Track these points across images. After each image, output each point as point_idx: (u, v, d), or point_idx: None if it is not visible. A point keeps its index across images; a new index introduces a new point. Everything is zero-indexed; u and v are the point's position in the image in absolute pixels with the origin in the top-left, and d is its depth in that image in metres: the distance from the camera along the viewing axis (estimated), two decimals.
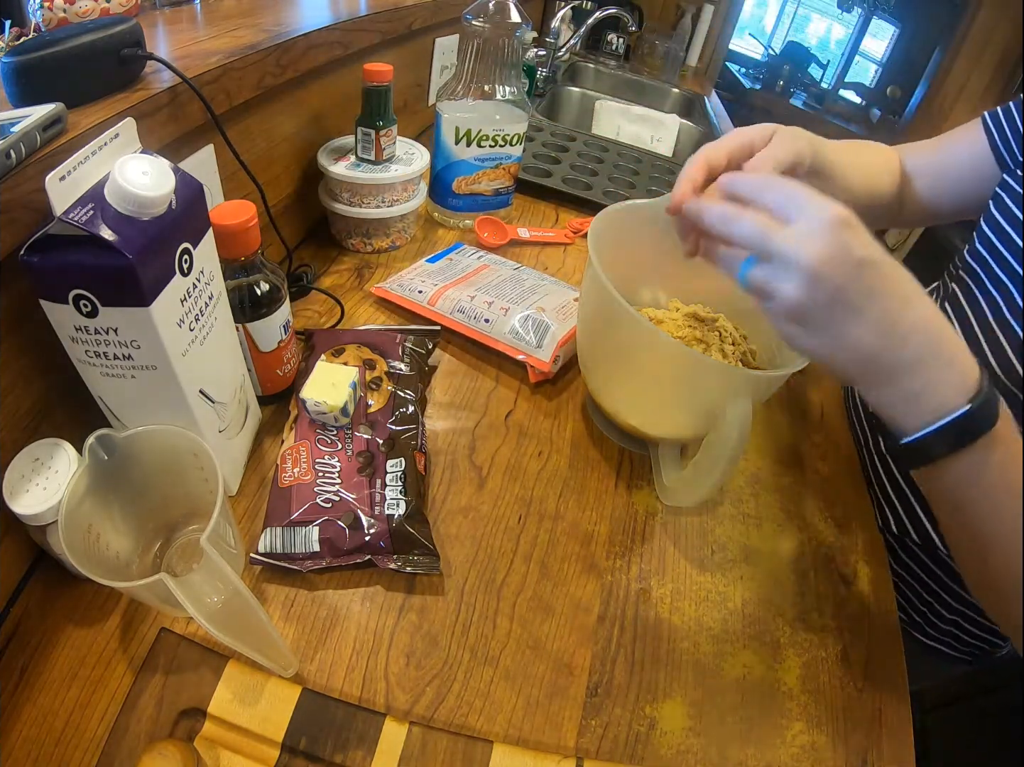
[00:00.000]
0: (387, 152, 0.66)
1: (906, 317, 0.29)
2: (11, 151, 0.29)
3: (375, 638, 0.38)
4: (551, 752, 0.35)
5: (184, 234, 0.32)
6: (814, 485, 0.55)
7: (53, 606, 0.37)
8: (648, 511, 0.50)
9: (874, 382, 0.31)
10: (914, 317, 0.30)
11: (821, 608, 0.46)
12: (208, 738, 0.32)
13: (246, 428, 0.46)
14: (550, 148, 1.04)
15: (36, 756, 0.31)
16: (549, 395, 0.58)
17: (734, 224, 0.31)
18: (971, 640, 0.58)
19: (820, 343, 0.31)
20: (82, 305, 0.29)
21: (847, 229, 0.28)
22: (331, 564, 0.40)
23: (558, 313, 0.59)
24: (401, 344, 0.54)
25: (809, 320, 0.30)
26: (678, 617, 0.43)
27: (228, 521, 0.37)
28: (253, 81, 0.50)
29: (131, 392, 0.34)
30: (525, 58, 1.21)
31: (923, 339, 0.30)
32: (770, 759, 0.37)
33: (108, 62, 0.37)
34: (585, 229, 0.82)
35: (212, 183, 0.51)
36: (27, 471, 0.32)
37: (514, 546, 0.45)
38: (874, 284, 0.29)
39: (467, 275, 0.65)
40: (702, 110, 1.56)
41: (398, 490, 0.43)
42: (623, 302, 0.41)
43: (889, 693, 0.41)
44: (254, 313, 0.44)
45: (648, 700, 0.39)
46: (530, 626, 0.41)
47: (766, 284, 0.30)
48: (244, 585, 0.31)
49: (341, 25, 0.62)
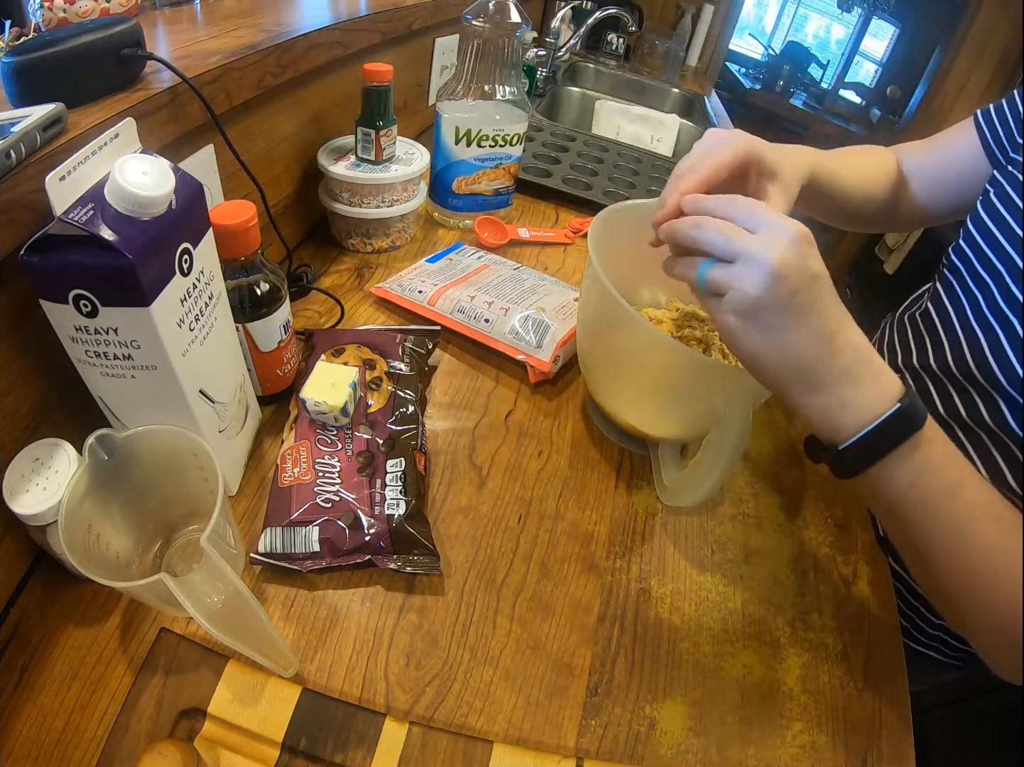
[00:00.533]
0: (387, 152, 0.66)
1: (841, 334, 0.32)
2: (11, 151, 0.29)
3: (375, 638, 0.38)
4: (551, 752, 0.35)
5: (184, 234, 0.32)
6: (814, 485, 0.55)
7: (53, 606, 0.37)
8: (648, 511, 0.50)
9: (806, 389, 0.33)
10: (848, 335, 0.32)
11: (821, 608, 0.46)
12: (208, 738, 0.32)
13: (246, 428, 0.46)
14: (550, 148, 1.04)
15: (36, 756, 0.31)
16: (549, 395, 0.58)
17: (703, 229, 0.33)
18: (960, 645, 0.58)
19: (762, 343, 0.32)
20: (82, 305, 0.29)
21: (807, 244, 0.31)
22: (331, 564, 0.40)
23: (558, 313, 0.59)
24: (401, 344, 0.54)
25: (759, 318, 0.31)
26: (678, 617, 0.43)
27: (228, 521, 0.37)
28: (253, 81, 0.50)
29: (131, 392, 0.34)
30: (525, 58, 1.21)
31: (853, 356, 0.32)
32: (770, 759, 0.37)
33: (108, 62, 0.37)
34: (585, 229, 0.82)
35: (212, 183, 0.51)
36: (27, 471, 0.32)
37: (514, 546, 0.45)
38: (820, 298, 0.31)
39: (467, 275, 0.65)
40: (702, 110, 1.56)
41: (398, 490, 0.43)
42: (623, 302, 0.41)
43: (889, 693, 0.41)
44: (254, 313, 0.44)
45: (648, 700, 0.39)
46: (530, 626, 0.41)
47: (725, 281, 0.32)
48: (244, 585, 0.31)
49: (341, 25, 0.62)
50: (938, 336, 0.53)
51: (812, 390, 0.33)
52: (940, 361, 0.52)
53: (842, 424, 0.33)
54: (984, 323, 0.48)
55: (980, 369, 0.48)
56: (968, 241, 0.51)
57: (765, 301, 0.30)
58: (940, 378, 0.53)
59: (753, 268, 0.30)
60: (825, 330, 0.31)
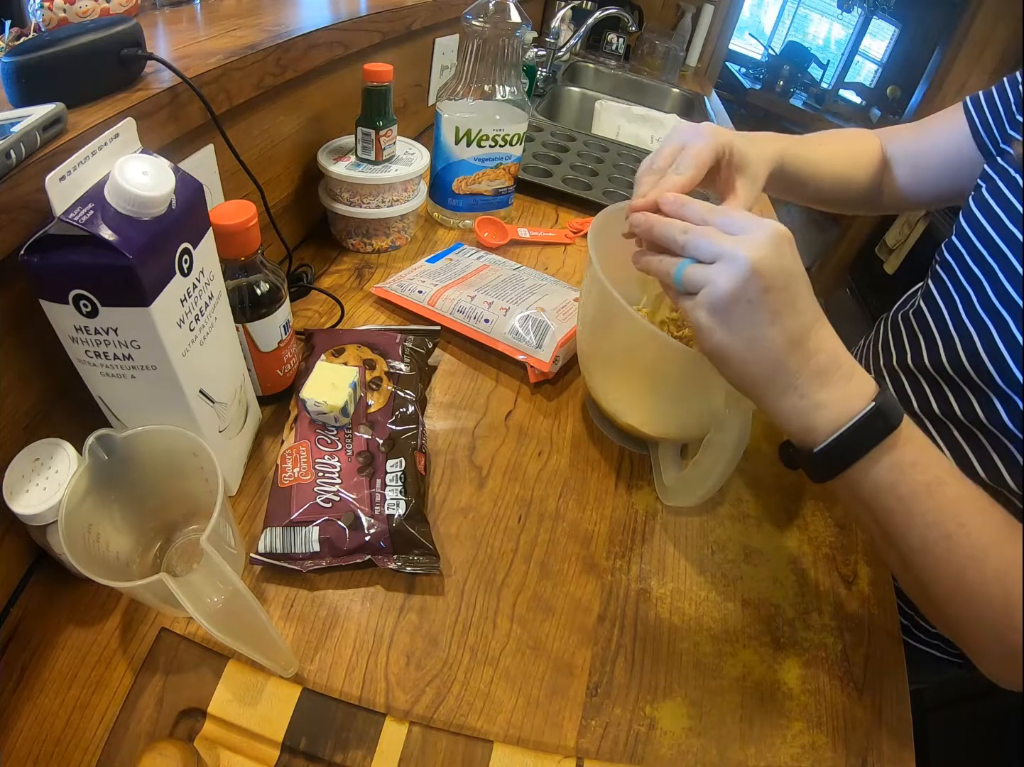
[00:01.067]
0: (387, 152, 0.66)
1: (815, 333, 0.32)
2: (11, 151, 0.29)
3: (375, 638, 0.38)
4: (551, 752, 0.35)
5: (184, 234, 0.32)
6: (814, 485, 0.55)
7: (53, 606, 0.37)
8: (648, 511, 0.50)
9: (779, 390, 0.32)
10: (822, 335, 0.32)
11: (821, 608, 0.46)
12: (208, 738, 0.32)
13: (246, 428, 0.46)
14: (550, 148, 1.04)
15: (36, 756, 0.31)
16: (549, 395, 0.58)
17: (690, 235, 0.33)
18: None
19: (734, 340, 0.32)
20: (82, 305, 0.29)
21: (786, 243, 0.31)
22: (331, 564, 0.40)
23: (558, 313, 0.59)
24: (401, 344, 0.54)
25: (732, 313, 0.31)
26: (678, 617, 0.43)
27: (228, 521, 0.37)
28: (253, 81, 0.50)
29: (131, 392, 0.34)
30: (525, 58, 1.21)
31: (827, 356, 0.32)
32: (770, 759, 0.37)
33: (108, 62, 0.37)
34: (585, 229, 0.83)
35: (212, 183, 0.51)
36: (27, 471, 0.32)
37: (514, 546, 0.45)
38: (796, 297, 0.31)
39: (467, 275, 0.65)
40: (702, 110, 1.56)
41: (398, 490, 0.43)
42: (623, 302, 0.41)
43: (889, 693, 0.41)
44: (254, 313, 0.44)
45: (648, 700, 0.39)
46: (530, 626, 0.41)
47: (701, 278, 0.32)
48: (244, 585, 0.31)
49: (341, 25, 0.63)
50: (931, 335, 0.53)
51: (785, 391, 0.32)
52: (934, 360, 0.52)
53: (816, 425, 0.32)
54: (977, 321, 0.48)
55: (974, 367, 0.47)
56: (961, 237, 0.51)
57: (738, 296, 0.30)
58: (934, 377, 0.52)
59: (729, 264, 0.30)
60: (799, 329, 0.31)
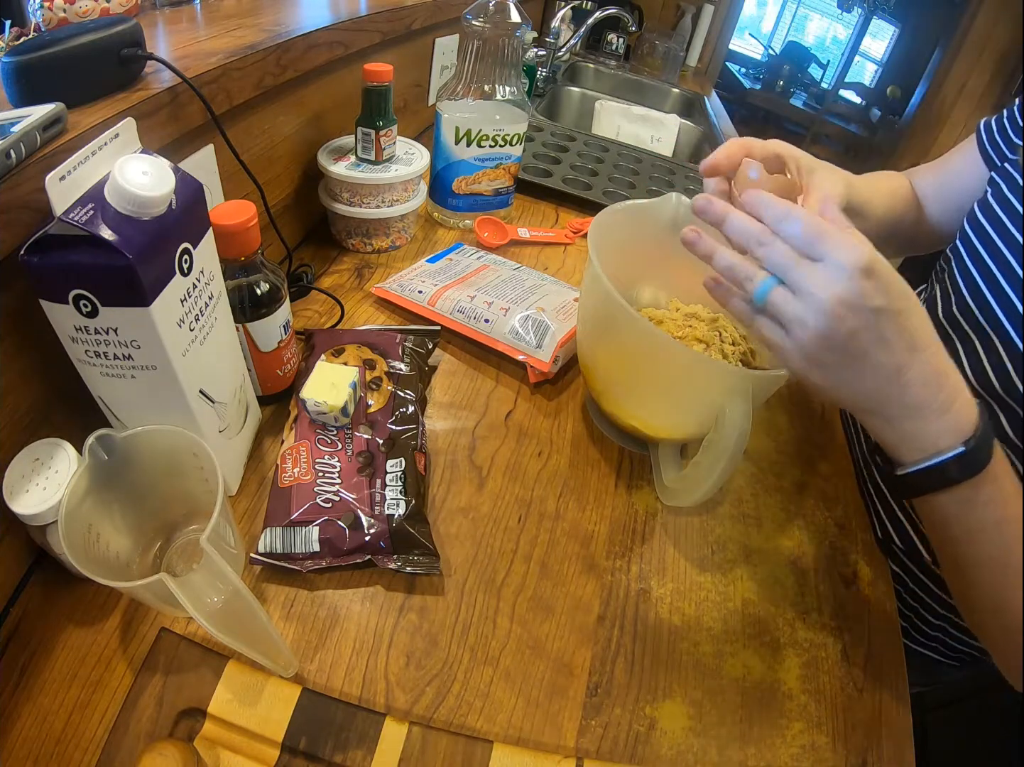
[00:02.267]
0: (387, 152, 0.66)
1: (911, 367, 0.31)
2: (11, 151, 0.29)
3: (375, 638, 0.38)
4: (551, 752, 0.35)
5: (184, 234, 0.32)
6: (814, 485, 0.55)
7: (53, 606, 0.37)
8: (648, 511, 0.50)
9: (872, 420, 0.33)
10: (918, 367, 0.31)
11: (821, 608, 0.46)
12: (208, 738, 0.32)
13: (246, 428, 0.46)
14: (550, 148, 1.04)
15: (36, 756, 0.31)
16: (549, 395, 0.58)
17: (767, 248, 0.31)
18: (959, 646, 0.58)
19: (824, 378, 0.32)
20: (82, 305, 0.29)
21: (869, 277, 0.29)
22: (331, 564, 0.40)
23: (558, 313, 0.59)
24: (401, 344, 0.54)
25: (822, 359, 0.31)
26: (678, 617, 0.43)
27: (228, 521, 0.37)
28: (253, 81, 0.50)
29: (131, 392, 0.34)
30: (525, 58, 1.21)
31: (923, 390, 0.31)
32: (770, 759, 0.37)
33: (108, 62, 0.37)
34: (585, 229, 0.83)
35: (212, 183, 0.51)
36: (27, 471, 0.32)
37: (514, 546, 0.45)
38: (886, 333, 0.30)
39: (467, 275, 0.65)
40: (702, 110, 1.56)
41: (398, 490, 0.43)
42: (623, 302, 0.41)
43: (889, 693, 0.41)
44: (254, 313, 0.44)
45: (648, 700, 0.39)
46: (530, 626, 0.41)
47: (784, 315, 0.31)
48: (244, 585, 0.31)
49: (341, 25, 0.62)
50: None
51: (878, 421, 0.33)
52: None
53: (901, 453, 0.33)
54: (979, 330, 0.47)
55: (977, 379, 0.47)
56: (964, 242, 0.51)
57: (825, 343, 0.30)
58: None
59: (810, 311, 0.30)
60: (891, 366, 0.30)
